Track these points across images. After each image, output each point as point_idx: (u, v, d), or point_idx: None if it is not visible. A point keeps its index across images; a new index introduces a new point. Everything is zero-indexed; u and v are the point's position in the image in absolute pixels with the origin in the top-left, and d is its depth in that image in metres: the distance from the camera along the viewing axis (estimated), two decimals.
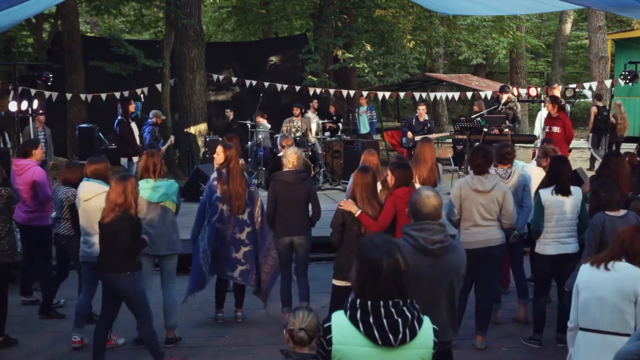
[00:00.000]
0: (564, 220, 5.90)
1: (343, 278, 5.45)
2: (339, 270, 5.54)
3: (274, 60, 20.10)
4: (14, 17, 8.55)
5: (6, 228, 6.13)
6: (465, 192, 5.85)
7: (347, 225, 5.42)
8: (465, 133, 11.64)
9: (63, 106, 15.72)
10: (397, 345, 2.71)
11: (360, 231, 5.43)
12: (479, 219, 5.83)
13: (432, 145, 7.21)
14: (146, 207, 5.99)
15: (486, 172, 5.94)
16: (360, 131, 16.05)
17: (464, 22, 20.02)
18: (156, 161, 6.10)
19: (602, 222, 5.22)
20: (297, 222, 6.47)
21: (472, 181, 5.88)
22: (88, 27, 29.16)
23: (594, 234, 5.24)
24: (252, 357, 5.93)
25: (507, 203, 5.87)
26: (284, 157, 6.80)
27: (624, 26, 25.25)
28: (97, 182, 6.03)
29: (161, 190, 6.02)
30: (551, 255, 5.93)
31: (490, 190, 5.84)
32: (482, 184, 5.84)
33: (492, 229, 5.88)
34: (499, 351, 6.07)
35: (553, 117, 10.57)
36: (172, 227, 6.15)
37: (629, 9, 7.83)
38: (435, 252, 3.66)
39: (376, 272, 2.72)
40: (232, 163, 6.39)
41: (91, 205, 5.94)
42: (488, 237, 5.84)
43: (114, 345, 6.08)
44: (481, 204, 5.84)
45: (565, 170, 5.99)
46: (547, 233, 5.95)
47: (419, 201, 3.77)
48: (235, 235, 6.46)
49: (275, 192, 6.48)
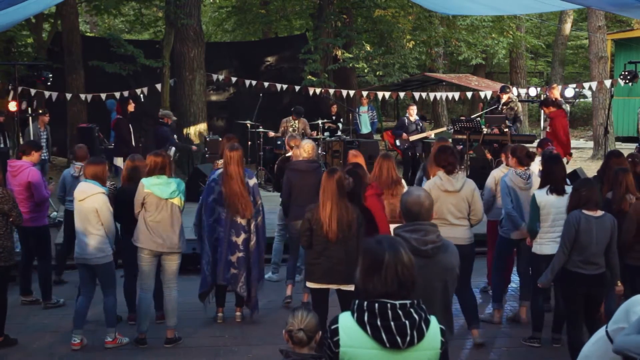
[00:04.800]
0: (560, 220, 5.89)
1: (313, 280, 5.49)
2: (309, 272, 5.57)
3: (274, 60, 20.10)
4: (13, 17, 8.54)
5: (1, 231, 6.08)
6: (436, 194, 5.81)
7: (314, 230, 5.42)
8: (465, 133, 11.65)
9: (63, 106, 15.72)
10: (404, 348, 2.70)
11: (326, 235, 5.37)
12: (451, 217, 5.90)
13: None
14: (155, 203, 6.00)
15: (455, 172, 5.95)
16: (361, 131, 16.05)
17: (463, 22, 20.02)
18: (169, 158, 6.19)
19: (578, 220, 5.23)
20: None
21: (441, 182, 5.91)
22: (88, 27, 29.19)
23: (569, 231, 5.25)
24: (252, 356, 5.93)
25: (475, 200, 5.94)
26: (300, 147, 7.35)
27: (624, 26, 25.26)
28: (93, 183, 6.01)
29: (173, 187, 6.03)
30: (548, 255, 5.93)
31: (460, 190, 5.89)
32: (452, 184, 5.90)
33: (462, 228, 5.93)
34: (499, 351, 6.07)
35: (550, 117, 10.59)
36: (178, 225, 6.14)
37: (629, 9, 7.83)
38: (428, 253, 3.63)
39: (379, 264, 2.72)
40: (232, 165, 6.37)
41: (85, 205, 5.93)
42: (460, 235, 5.85)
43: (118, 345, 6.09)
44: (452, 203, 5.90)
45: (558, 170, 5.98)
46: (544, 233, 5.96)
47: (411, 202, 3.74)
48: (231, 237, 6.45)
49: (290, 180, 7.08)
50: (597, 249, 5.25)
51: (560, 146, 10.28)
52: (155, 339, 6.16)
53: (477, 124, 11.84)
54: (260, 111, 14.75)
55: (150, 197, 5.98)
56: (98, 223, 5.96)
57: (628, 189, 5.84)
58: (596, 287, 5.31)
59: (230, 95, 19.32)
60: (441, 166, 5.99)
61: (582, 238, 5.23)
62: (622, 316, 3.44)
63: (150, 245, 6.03)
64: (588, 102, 25.40)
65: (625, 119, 21.21)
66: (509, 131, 11.22)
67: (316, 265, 5.42)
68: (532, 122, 25.01)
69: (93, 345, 6.11)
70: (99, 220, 5.96)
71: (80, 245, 6.00)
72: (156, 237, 6.00)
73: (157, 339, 6.17)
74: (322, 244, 5.37)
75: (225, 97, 19.39)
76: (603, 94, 17.42)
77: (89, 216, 5.94)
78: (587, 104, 26.18)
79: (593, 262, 5.27)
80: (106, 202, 6.01)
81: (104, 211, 5.98)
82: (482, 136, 11.36)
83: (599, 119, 17.69)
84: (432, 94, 19.15)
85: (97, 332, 6.35)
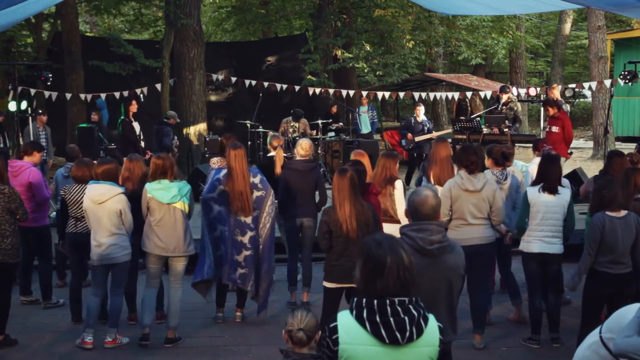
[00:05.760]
0: (549, 220, 5.91)
1: (332, 280, 5.50)
2: (329, 273, 5.58)
3: (274, 60, 20.10)
4: (13, 16, 8.54)
5: (10, 228, 6.11)
6: (457, 193, 5.84)
7: (333, 232, 5.43)
8: (465, 133, 11.65)
9: (63, 106, 15.72)
10: (404, 344, 2.72)
11: (346, 235, 5.40)
12: (470, 217, 5.86)
13: (447, 145, 7.24)
14: (158, 208, 6.00)
15: (477, 171, 5.95)
16: (361, 131, 16.04)
17: (463, 22, 20.01)
18: (171, 162, 6.15)
19: (602, 222, 5.21)
20: (306, 206, 7.07)
21: (462, 181, 5.88)
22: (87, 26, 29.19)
23: (594, 234, 5.24)
24: (252, 356, 5.93)
25: (497, 201, 5.91)
26: (297, 145, 7.30)
27: (624, 26, 25.26)
28: (110, 184, 6.01)
29: (173, 192, 6.01)
30: (535, 253, 5.95)
31: (481, 190, 5.86)
32: (473, 184, 5.86)
33: (483, 227, 5.90)
34: (498, 351, 6.07)
35: (554, 117, 10.57)
36: (183, 229, 6.11)
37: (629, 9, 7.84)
38: (433, 253, 3.64)
39: (380, 268, 2.73)
40: (236, 163, 6.35)
41: (108, 207, 5.93)
42: (479, 235, 5.85)
43: (118, 344, 6.09)
44: (472, 203, 5.86)
45: (553, 169, 5.99)
46: (531, 231, 5.97)
47: (418, 201, 3.75)
48: (235, 237, 6.44)
49: (286, 179, 7.05)
50: (623, 249, 5.27)
51: (566, 146, 10.33)
52: (155, 339, 6.16)
53: (477, 124, 11.85)
54: (260, 111, 14.76)
55: (153, 202, 6.00)
56: (120, 223, 5.99)
57: (637, 189, 5.83)
58: (622, 286, 5.31)
59: (230, 95, 19.33)
60: (463, 165, 5.96)
61: (608, 240, 5.22)
62: (615, 325, 3.41)
63: (155, 250, 6.05)
64: (588, 102, 25.40)
65: (625, 119, 21.22)
66: (509, 131, 11.23)
67: (337, 267, 5.42)
68: (532, 122, 25.00)
69: (93, 345, 6.10)
70: (122, 220, 5.99)
71: (102, 247, 5.96)
72: (160, 242, 6.01)
73: (157, 339, 6.16)
74: (342, 244, 5.39)
75: (225, 97, 19.40)
76: (603, 93, 17.42)
77: (112, 217, 5.94)
78: (587, 104, 26.18)
79: (620, 262, 5.29)
80: (127, 202, 6.05)
81: (127, 211, 6.02)
82: (482, 136, 11.36)
83: (598, 119, 17.70)
84: (432, 94, 19.16)
85: (96, 332, 6.34)
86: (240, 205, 6.34)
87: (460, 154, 6.10)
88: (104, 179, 6.03)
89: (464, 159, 5.98)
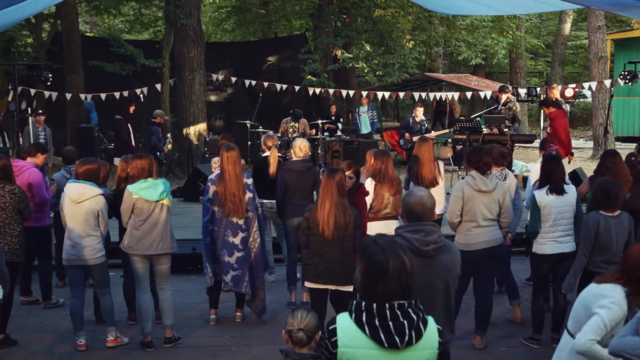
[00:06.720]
0: (561, 220, 5.90)
1: (307, 279, 5.51)
2: (304, 271, 5.60)
3: (274, 60, 20.10)
4: (13, 16, 8.54)
5: (18, 228, 6.14)
6: (469, 193, 5.81)
7: (311, 230, 5.42)
8: (465, 133, 11.65)
9: (63, 106, 15.72)
10: (403, 348, 2.71)
11: (322, 235, 5.38)
12: (481, 219, 5.83)
13: (430, 144, 7.23)
14: (146, 208, 5.96)
15: (489, 172, 5.94)
16: (361, 131, 16.05)
17: (463, 22, 20.02)
18: (152, 161, 6.11)
19: (597, 221, 5.24)
20: (304, 206, 6.84)
21: (474, 182, 5.85)
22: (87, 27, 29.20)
23: (589, 232, 5.27)
24: (251, 357, 5.93)
25: (506, 202, 5.90)
26: (294, 146, 7.25)
27: (624, 26, 25.27)
28: (89, 184, 5.95)
29: (160, 188, 5.99)
30: (549, 254, 5.94)
31: (493, 191, 5.84)
32: (486, 184, 5.83)
33: (493, 229, 5.89)
34: (498, 351, 6.07)
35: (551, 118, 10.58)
36: (169, 226, 6.11)
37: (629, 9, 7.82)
38: (429, 253, 3.63)
39: (383, 273, 2.71)
40: (228, 165, 6.34)
41: (85, 207, 5.88)
42: (490, 237, 5.84)
43: (118, 344, 6.09)
44: (484, 204, 5.83)
45: (557, 170, 5.97)
46: (545, 233, 5.94)
47: (413, 202, 3.73)
48: (227, 238, 6.40)
49: (284, 179, 7.02)
50: (617, 248, 5.29)
51: (561, 146, 10.27)
52: (155, 339, 6.14)
53: (476, 124, 11.85)
54: (259, 111, 14.75)
55: (140, 202, 5.90)
56: (96, 224, 5.94)
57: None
58: None
59: (230, 95, 19.33)
60: (475, 167, 5.94)
61: (602, 239, 5.26)
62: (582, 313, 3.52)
63: (139, 250, 5.97)
64: (588, 102, 25.41)
65: (625, 119, 21.24)
66: (509, 131, 11.23)
67: (311, 265, 5.44)
68: (532, 122, 25.00)
69: (92, 345, 6.10)
70: (98, 221, 5.95)
71: (76, 247, 5.92)
72: (146, 241, 5.93)
73: (157, 339, 6.16)
74: (318, 243, 5.39)
75: (225, 97, 19.40)
76: (603, 94, 17.43)
77: (89, 218, 5.89)
78: (587, 104, 26.19)
79: (614, 262, 5.28)
80: (106, 204, 6.01)
81: (104, 213, 5.98)
82: (482, 136, 11.35)
83: (598, 119, 17.71)
84: (432, 94, 19.17)
85: (96, 332, 6.35)
86: (233, 207, 6.31)
87: (472, 155, 6.09)
88: (84, 179, 5.96)
89: (475, 160, 5.97)
